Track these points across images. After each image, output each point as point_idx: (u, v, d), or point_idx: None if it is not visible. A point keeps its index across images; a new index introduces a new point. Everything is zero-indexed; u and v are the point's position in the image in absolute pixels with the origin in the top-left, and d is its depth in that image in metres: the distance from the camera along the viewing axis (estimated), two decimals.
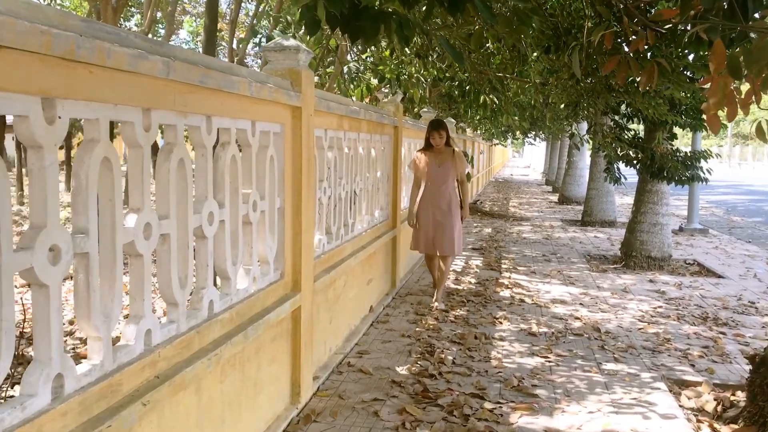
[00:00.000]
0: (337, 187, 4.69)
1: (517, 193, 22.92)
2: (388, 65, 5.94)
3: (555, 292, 6.95)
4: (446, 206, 6.06)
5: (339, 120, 4.57)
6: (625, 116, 7.56)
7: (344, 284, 4.85)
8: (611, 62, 3.14)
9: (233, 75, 2.73)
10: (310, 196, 3.78)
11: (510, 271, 8.04)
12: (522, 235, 11.63)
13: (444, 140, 6.00)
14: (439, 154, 6.08)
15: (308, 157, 3.71)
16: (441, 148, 6.05)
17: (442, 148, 6.04)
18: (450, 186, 6.07)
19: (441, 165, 6.04)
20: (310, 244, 3.83)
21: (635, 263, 8.46)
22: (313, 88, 3.76)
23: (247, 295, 3.09)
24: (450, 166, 6.04)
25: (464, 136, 15.19)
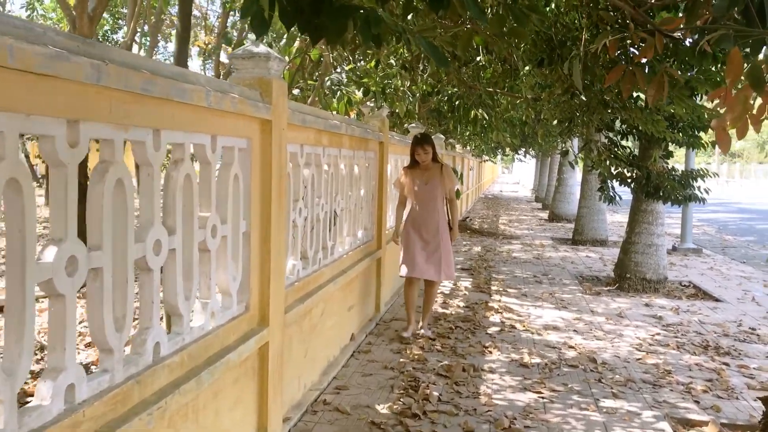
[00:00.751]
0: (314, 208, 4.33)
1: (506, 210, 22.66)
2: (373, 77, 5.62)
3: (547, 317, 6.60)
4: (434, 227, 5.60)
5: (317, 135, 4.22)
6: (619, 133, 7.27)
7: (322, 313, 4.47)
8: (614, 73, 2.82)
9: (186, 83, 2.38)
10: (281, 218, 3.43)
11: (500, 294, 7.69)
12: (512, 254, 11.30)
13: (430, 156, 5.55)
14: (425, 171, 5.64)
15: (279, 175, 3.36)
16: (427, 165, 5.61)
17: (428, 164, 5.60)
18: (438, 205, 5.61)
19: (428, 182, 5.60)
20: (281, 271, 3.46)
21: (629, 285, 8.14)
22: (285, 99, 3.41)
23: (204, 334, 2.71)
24: (438, 184, 5.59)
25: (453, 153, 14.91)
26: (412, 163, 5.72)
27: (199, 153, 2.72)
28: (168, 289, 2.51)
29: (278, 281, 3.40)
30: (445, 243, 5.65)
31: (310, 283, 4.21)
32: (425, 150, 5.51)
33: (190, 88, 2.39)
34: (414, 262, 5.63)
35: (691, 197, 7.47)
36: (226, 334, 2.91)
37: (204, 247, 2.75)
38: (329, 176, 4.65)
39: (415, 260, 5.62)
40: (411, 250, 5.65)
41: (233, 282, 3.01)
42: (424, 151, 5.52)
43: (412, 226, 5.65)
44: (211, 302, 2.79)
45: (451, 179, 5.67)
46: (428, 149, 5.52)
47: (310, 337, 4.24)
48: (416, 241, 5.63)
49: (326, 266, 4.61)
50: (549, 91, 5.95)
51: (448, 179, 5.63)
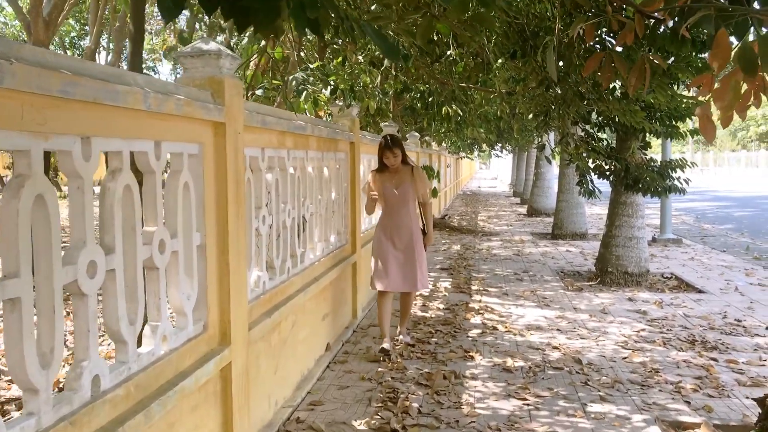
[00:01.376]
0: (280, 214, 4.09)
1: (485, 206, 22.54)
2: (340, 75, 5.38)
3: (529, 316, 6.42)
4: (408, 234, 5.19)
5: (280, 137, 3.98)
6: (596, 125, 7.11)
7: (293, 325, 4.23)
8: (593, 61, 2.61)
9: (120, 84, 2.13)
10: (240, 227, 3.18)
11: (480, 294, 7.50)
12: (492, 251, 11.13)
13: (399, 158, 5.14)
14: (395, 175, 5.22)
15: (237, 182, 3.11)
16: (397, 168, 5.20)
17: (398, 167, 5.20)
18: (411, 210, 5.24)
19: (399, 186, 5.19)
20: (243, 284, 3.21)
21: (611, 280, 7.99)
22: (241, 99, 3.16)
23: (154, 360, 2.46)
24: (409, 187, 5.20)
25: (429, 150, 14.71)
26: (380, 167, 5.29)
27: (142, 161, 2.46)
28: (109, 314, 2.25)
29: (240, 296, 3.15)
30: (420, 250, 5.27)
31: (278, 294, 3.96)
32: (394, 153, 5.11)
33: (125, 90, 2.13)
34: (387, 275, 5.19)
35: (671, 188, 7.34)
36: (181, 358, 2.66)
37: (151, 265, 2.50)
38: (296, 180, 4.40)
39: (389, 272, 5.18)
40: (383, 261, 5.21)
41: (187, 300, 2.76)
42: (393, 154, 5.12)
43: (383, 233, 5.25)
44: (162, 324, 2.54)
45: (423, 182, 5.30)
46: (397, 152, 5.11)
47: (281, 352, 3.99)
48: (389, 251, 5.20)
49: (296, 275, 4.36)
50: (523, 84, 5.76)
51: (420, 182, 5.25)
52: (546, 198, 17.23)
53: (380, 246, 5.23)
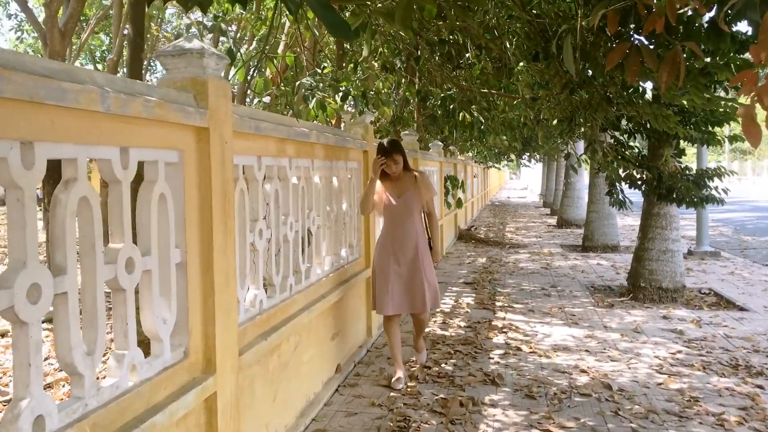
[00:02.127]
0: (281, 227, 3.80)
1: (514, 217, 22.06)
2: (352, 80, 5.10)
3: (556, 335, 6.03)
4: (413, 250, 4.65)
5: (279, 144, 3.70)
6: (626, 132, 6.71)
7: (296, 346, 3.93)
8: (617, 53, 2.28)
9: (68, 81, 1.86)
10: (229, 242, 2.89)
11: (505, 310, 7.12)
12: (519, 264, 10.72)
13: (401, 165, 4.66)
14: (397, 182, 4.72)
15: (224, 193, 2.83)
16: (399, 175, 4.72)
17: (400, 174, 4.72)
18: (416, 222, 4.70)
19: (401, 195, 4.69)
20: (232, 305, 2.93)
21: (645, 296, 7.54)
22: (229, 103, 2.89)
23: (119, 394, 2.18)
24: (413, 196, 4.68)
25: (454, 160, 14.37)
26: (381, 174, 4.73)
27: (105, 169, 2.20)
28: (61, 344, 1.98)
29: (228, 317, 2.87)
30: (427, 265, 4.70)
31: (278, 314, 3.66)
32: (395, 159, 4.62)
33: (74, 88, 1.87)
34: (391, 296, 4.63)
35: (708, 198, 6.88)
36: (155, 390, 2.38)
37: (116, 286, 2.22)
38: (299, 191, 4.12)
39: (393, 293, 4.62)
40: (386, 280, 4.65)
41: (164, 325, 2.48)
42: (393, 161, 4.62)
43: (384, 249, 4.70)
44: (130, 353, 2.26)
45: (428, 189, 4.77)
46: (398, 158, 4.63)
47: (281, 377, 3.69)
48: (391, 268, 4.64)
49: (300, 292, 4.07)
50: (547, 88, 5.41)
51: (425, 189, 4.73)
52: (576, 208, 16.72)
53: (381, 263, 4.69)
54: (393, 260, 4.66)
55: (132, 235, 2.32)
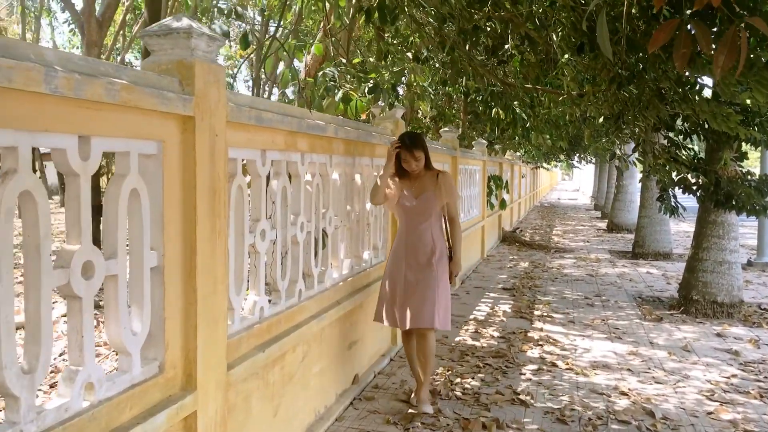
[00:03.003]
0: (289, 228, 3.50)
1: (562, 220, 21.35)
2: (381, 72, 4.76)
3: (596, 350, 5.58)
4: (426, 257, 4.10)
5: (289, 138, 3.39)
6: (681, 132, 6.17)
7: (303, 357, 3.63)
8: (663, 31, 1.88)
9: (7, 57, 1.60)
10: (219, 244, 2.61)
11: (543, 320, 6.68)
12: (563, 270, 10.21)
13: (422, 163, 4.13)
14: (416, 181, 4.20)
15: (214, 189, 2.55)
16: (419, 173, 4.20)
17: (420, 172, 4.19)
18: (434, 226, 4.16)
19: (419, 196, 4.16)
20: (220, 313, 2.64)
21: (697, 309, 6.98)
22: (222, 89, 2.60)
23: (69, 416, 1.91)
24: (432, 197, 4.13)
25: (499, 159, 13.88)
26: (399, 170, 4.24)
27: (59, 160, 1.93)
28: None
29: (214, 327, 2.58)
30: (441, 277, 4.11)
31: (283, 322, 3.37)
32: (415, 156, 4.08)
33: (8, 65, 1.60)
34: (394, 305, 4.13)
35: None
36: (118, 410, 2.11)
37: (70, 293, 1.96)
38: (313, 188, 3.82)
39: (396, 302, 4.11)
40: (392, 286, 4.16)
41: (133, 336, 2.21)
42: (413, 158, 4.09)
43: (397, 252, 4.21)
44: (86, 369, 1.99)
45: (450, 191, 4.20)
46: (419, 155, 4.10)
47: (285, 390, 3.39)
48: (400, 274, 4.12)
49: (311, 298, 3.76)
50: (594, 83, 4.96)
51: (446, 191, 4.16)
52: (628, 212, 16.00)
53: (391, 268, 4.20)
54: (405, 265, 4.14)
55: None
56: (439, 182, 4.19)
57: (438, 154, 7.25)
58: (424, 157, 4.16)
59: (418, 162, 4.13)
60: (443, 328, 4.15)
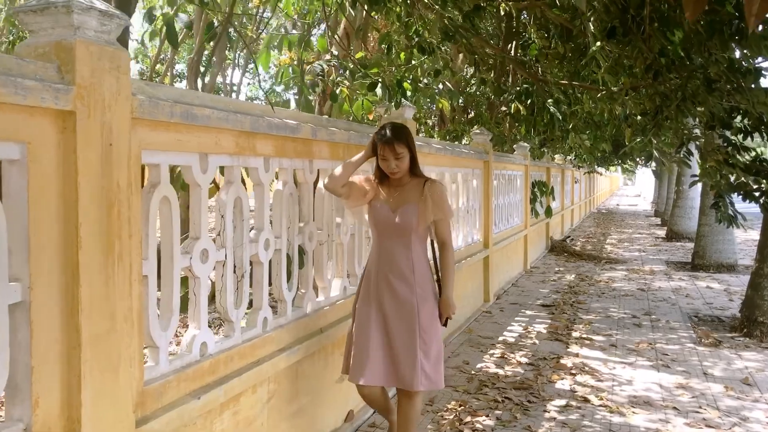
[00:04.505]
0: (247, 245, 2.97)
1: (619, 227, 20.22)
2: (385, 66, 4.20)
3: (638, 382, 4.84)
4: (407, 292, 3.11)
5: (242, 139, 2.86)
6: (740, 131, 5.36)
7: (269, 397, 3.09)
8: None
9: None
10: (119, 270, 2.09)
11: (581, 343, 5.96)
12: (612, 284, 9.37)
13: (405, 163, 3.15)
14: (397, 189, 3.23)
15: (108, 203, 2.04)
16: (402, 179, 3.22)
17: (404, 178, 3.22)
18: (415, 251, 3.15)
19: (398, 208, 3.17)
20: (123, 356, 2.12)
21: (762, 333, 6.12)
22: (123, 78, 2.09)
23: None
24: (414, 212, 3.13)
25: (547, 164, 13.08)
26: (378, 173, 3.30)
27: None
28: None
29: (112, 375, 2.07)
30: (426, 320, 3.10)
31: (236, 358, 2.84)
32: (396, 152, 3.10)
33: None
34: (365, 357, 3.10)
35: None
36: None
37: None
38: (285, 198, 3.28)
39: (369, 352, 3.09)
40: (361, 333, 3.14)
41: None
42: (393, 154, 3.11)
43: (366, 283, 3.24)
44: None
45: (441, 205, 3.16)
46: (401, 151, 3.11)
47: None
48: (372, 316, 3.13)
49: (282, 327, 3.23)
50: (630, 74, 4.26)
51: (434, 205, 3.14)
52: (688, 219, 14.88)
53: (360, 307, 3.21)
54: (375, 304, 3.14)
55: None
56: (425, 193, 3.16)
57: (464, 159, 6.62)
58: (408, 156, 3.17)
59: (400, 162, 3.13)
60: (432, 388, 3.15)
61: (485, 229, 7.62)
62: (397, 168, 3.17)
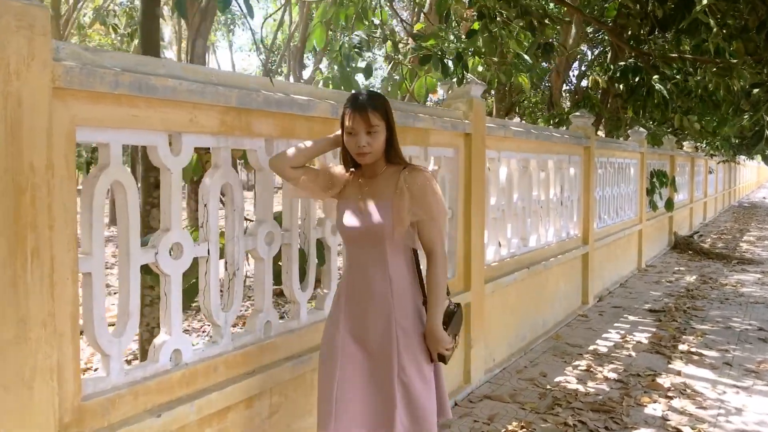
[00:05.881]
0: (238, 240, 2.59)
1: (760, 223, 18.10)
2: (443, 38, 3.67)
3: (751, 412, 4.00)
4: (381, 319, 2.33)
5: (231, 117, 2.45)
6: None
7: (272, 413, 2.70)
8: None
9: None
10: (36, 269, 1.77)
11: (686, 359, 5.10)
12: (740, 288, 8.18)
13: (379, 143, 2.30)
14: (368, 183, 2.40)
15: (19, 188, 1.72)
16: (376, 167, 2.38)
17: (377, 165, 2.38)
18: (393, 265, 2.34)
19: (366, 208, 2.36)
20: (43, 369, 1.80)
21: None
22: (42, 41, 1.76)
23: None
24: (384, 213, 2.31)
25: (672, 152, 11.79)
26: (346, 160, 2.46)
27: None
28: None
29: (25, 392, 1.75)
30: (406, 353, 2.31)
31: (220, 368, 2.47)
32: (368, 124, 2.25)
33: None
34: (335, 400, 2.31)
35: None
36: None
37: None
38: None
39: (342, 395, 2.31)
40: (331, 370, 2.35)
41: None
42: (365, 126, 2.26)
43: (336, 308, 2.45)
44: None
45: (424, 202, 2.30)
46: (376, 123, 2.26)
47: None
48: (340, 347, 2.36)
49: (293, 332, 2.82)
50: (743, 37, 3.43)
51: (413, 201, 2.29)
52: None
53: (328, 337, 2.44)
54: (346, 333, 2.38)
55: None
56: (400, 184, 2.29)
57: (557, 144, 5.91)
58: (383, 132, 2.29)
59: (372, 139, 2.27)
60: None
61: (584, 223, 6.84)
62: (368, 147, 2.26)
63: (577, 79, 14.36)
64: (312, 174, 2.48)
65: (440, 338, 2.32)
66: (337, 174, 2.49)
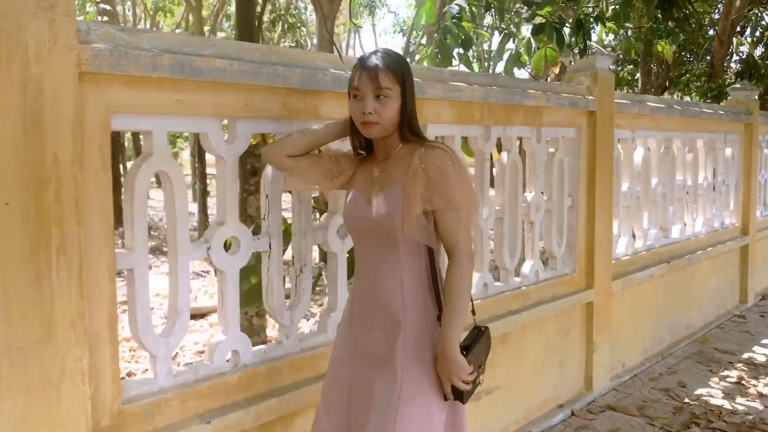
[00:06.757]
0: (305, 233, 2.39)
1: None
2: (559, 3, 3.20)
3: None
4: (385, 334, 1.83)
5: (293, 98, 2.25)
6: None
7: None
8: None
9: None
10: (62, 265, 1.67)
11: None
12: None
13: (391, 111, 1.79)
14: (380, 166, 1.92)
15: (38, 182, 1.62)
16: (388, 144, 1.89)
17: (390, 142, 1.88)
18: (406, 266, 1.83)
19: (374, 197, 1.87)
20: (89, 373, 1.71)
21: None
22: (65, 19, 1.63)
23: None
24: (395, 201, 1.80)
25: None
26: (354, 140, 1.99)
27: None
28: None
29: (47, 396, 1.66)
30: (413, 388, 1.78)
31: (284, 371, 2.29)
32: (377, 86, 1.77)
33: None
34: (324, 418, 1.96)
35: None
36: None
37: None
38: None
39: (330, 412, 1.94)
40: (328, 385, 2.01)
41: None
42: (373, 88, 1.78)
43: (345, 317, 2.02)
44: None
45: (444, 186, 1.77)
46: (387, 87, 1.78)
47: None
48: (345, 360, 1.95)
49: None
50: None
51: (430, 186, 1.78)
52: None
53: (335, 349, 2.03)
54: (350, 346, 1.95)
55: None
56: (413, 165, 1.80)
57: (707, 121, 5.14)
58: (397, 99, 1.81)
59: (381, 106, 1.79)
60: None
61: (744, 211, 5.96)
62: (375, 115, 1.78)
63: (750, 47, 12.79)
64: (313, 159, 2.03)
65: (454, 362, 1.76)
66: (345, 159, 2.03)
